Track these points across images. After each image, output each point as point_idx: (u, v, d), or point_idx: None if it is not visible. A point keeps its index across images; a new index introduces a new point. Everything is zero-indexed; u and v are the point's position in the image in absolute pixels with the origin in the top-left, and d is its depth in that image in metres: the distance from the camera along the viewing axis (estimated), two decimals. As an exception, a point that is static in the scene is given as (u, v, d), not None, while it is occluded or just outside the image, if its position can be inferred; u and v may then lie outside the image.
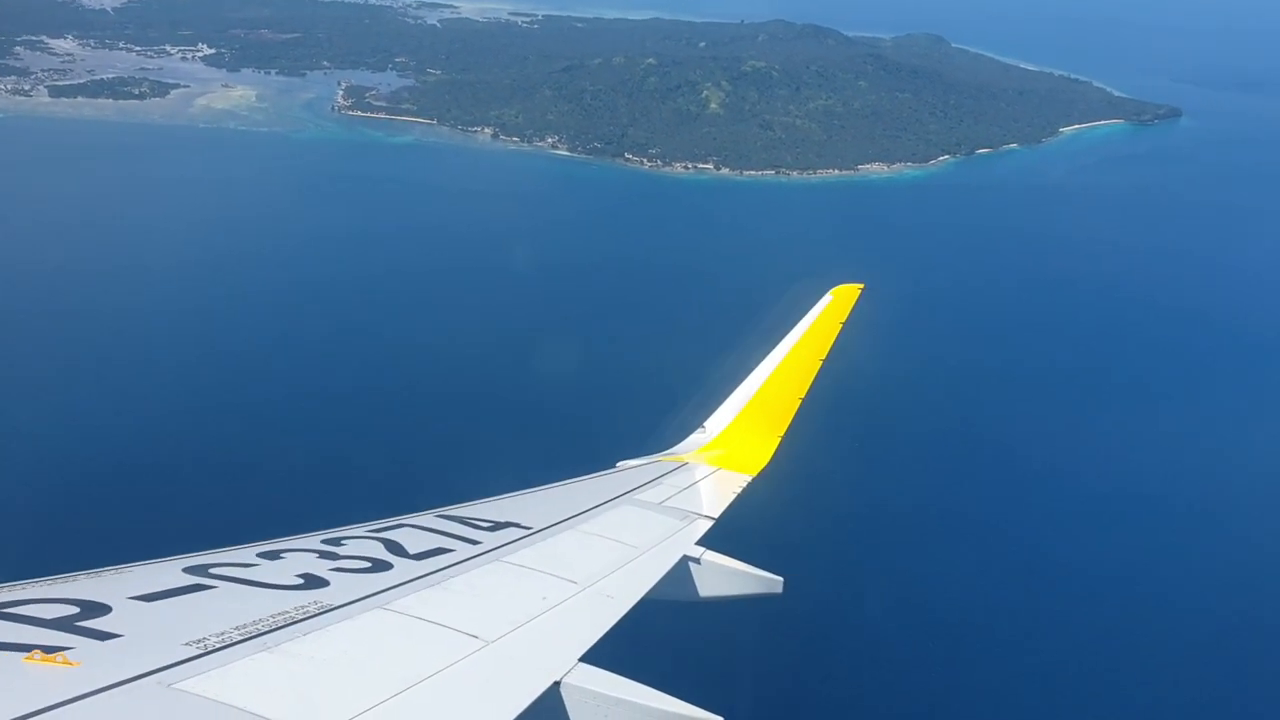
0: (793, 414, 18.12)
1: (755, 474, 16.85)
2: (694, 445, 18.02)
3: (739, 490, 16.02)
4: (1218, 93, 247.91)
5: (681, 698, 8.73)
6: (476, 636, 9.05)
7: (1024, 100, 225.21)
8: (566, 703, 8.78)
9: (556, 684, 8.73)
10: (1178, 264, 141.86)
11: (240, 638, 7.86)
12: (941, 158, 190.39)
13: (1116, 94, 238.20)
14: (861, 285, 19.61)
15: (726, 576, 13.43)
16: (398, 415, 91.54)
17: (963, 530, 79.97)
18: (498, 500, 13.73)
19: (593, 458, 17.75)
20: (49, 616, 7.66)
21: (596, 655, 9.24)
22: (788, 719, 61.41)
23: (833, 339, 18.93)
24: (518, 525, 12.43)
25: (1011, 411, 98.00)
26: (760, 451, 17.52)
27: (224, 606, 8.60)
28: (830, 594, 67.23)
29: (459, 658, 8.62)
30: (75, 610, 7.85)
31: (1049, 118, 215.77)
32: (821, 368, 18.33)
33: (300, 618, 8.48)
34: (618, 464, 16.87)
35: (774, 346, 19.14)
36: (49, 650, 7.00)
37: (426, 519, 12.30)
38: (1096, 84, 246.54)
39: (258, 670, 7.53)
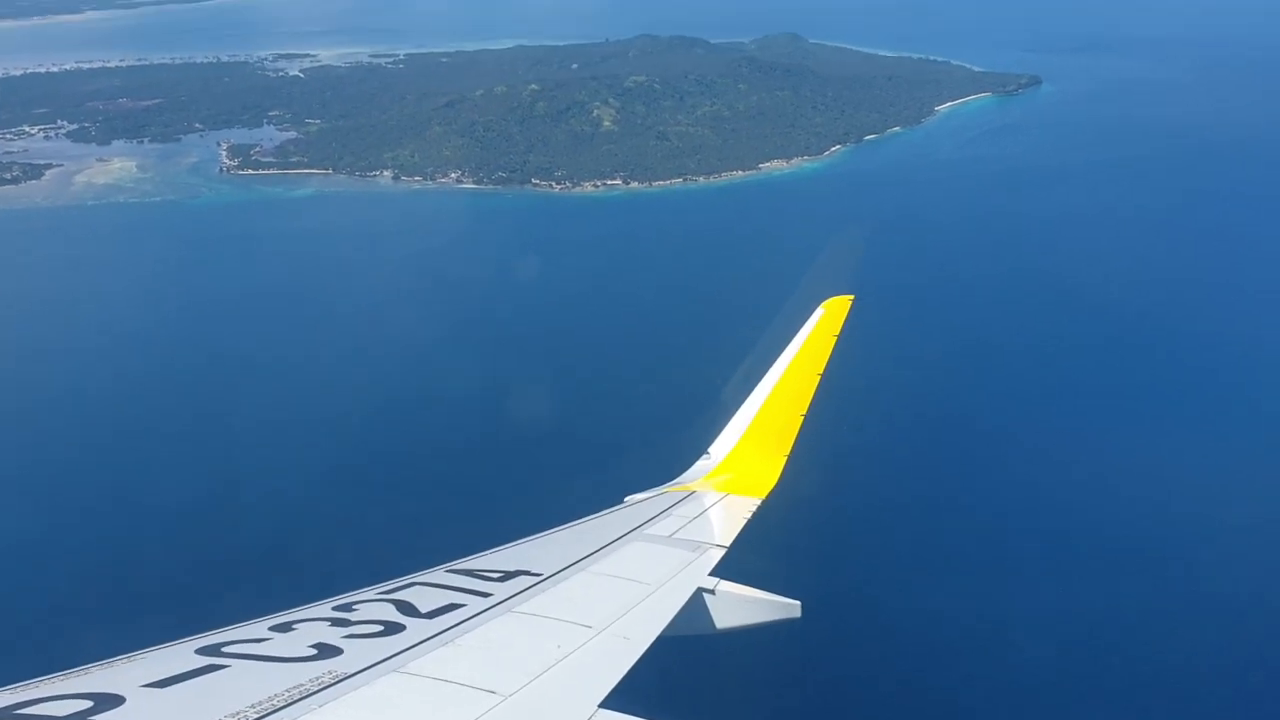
0: (796, 432, 17.88)
1: (764, 496, 16.56)
2: (700, 472, 17.85)
3: (749, 515, 15.81)
4: (1066, 57, 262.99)
5: None
6: (494, 692, 9.11)
7: (894, 85, 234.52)
8: None
9: None
10: (1075, 225, 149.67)
11: (256, 715, 7.92)
12: (834, 148, 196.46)
13: (977, 69, 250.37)
14: (852, 297, 19.92)
15: (742, 605, 13.43)
16: (390, 469, 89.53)
17: (976, 532, 79.97)
18: (506, 549, 13.66)
19: (599, 492, 17.91)
20: (62, 714, 7.62)
21: (617, 699, 9.29)
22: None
23: (828, 353, 19.01)
24: (528, 573, 12.40)
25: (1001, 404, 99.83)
26: (767, 473, 17.23)
27: (239, 685, 8.62)
28: (850, 614, 66.77)
29: (477, 715, 8.69)
30: (89, 704, 7.84)
31: (922, 99, 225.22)
32: (820, 383, 18.30)
33: (316, 689, 8.56)
34: (625, 498, 16.73)
35: (770, 365, 19.10)
36: None
37: (436, 575, 12.31)
38: (955, 62, 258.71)
39: None
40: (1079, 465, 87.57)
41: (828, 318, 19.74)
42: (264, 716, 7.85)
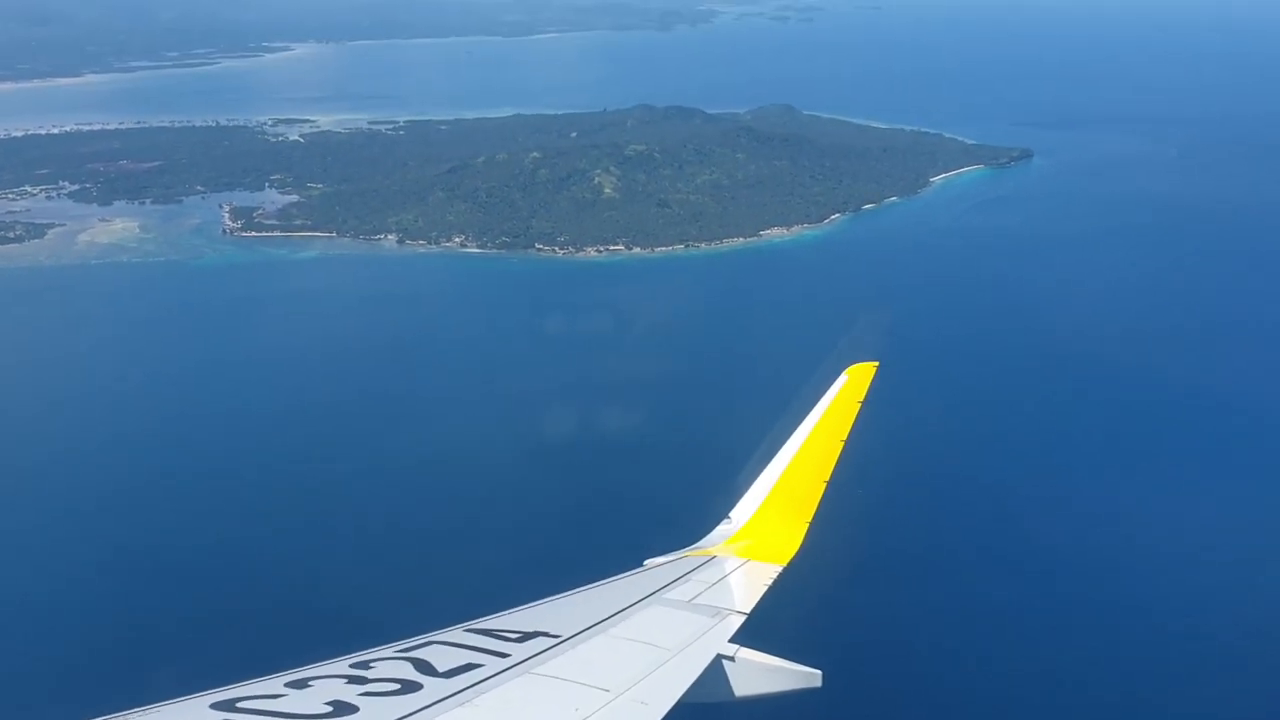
0: (818, 499, 17.76)
1: (785, 563, 16.48)
2: (721, 537, 17.73)
3: (769, 582, 15.72)
4: (1055, 132, 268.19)
5: None
6: None
7: (889, 156, 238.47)
8: None
9: None
10: (1074, 289, 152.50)
11: None
12: (834, 216, 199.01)
13: (969, 142, 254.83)
14: (876, 364, 19.85)
15: (762, 673, 13.32)
16: (410, 527, 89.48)
17: (1001, 602, 79.71)
18: (525, 609, 13.67)
19: (618, 556, 17.90)
20: None
21: None
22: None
23: (852, 420, 18.94)
24: (546, 634, 12.39)
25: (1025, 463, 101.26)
26: (788, 539, 17.11)
27: None
28: (873, 684, 66.46)
29: None
30: None
31: (917, 169, 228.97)
32: (843, 450, 18.29)
33: None
34: (645, 562, 16.68)
35: (792, 430, 19.14)
36: None
37: (454, 634, 12.34)
38: (948, 135, 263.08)
39: None
40: (1104, 524, 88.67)
41: (851, 384, 19.64)
42: None
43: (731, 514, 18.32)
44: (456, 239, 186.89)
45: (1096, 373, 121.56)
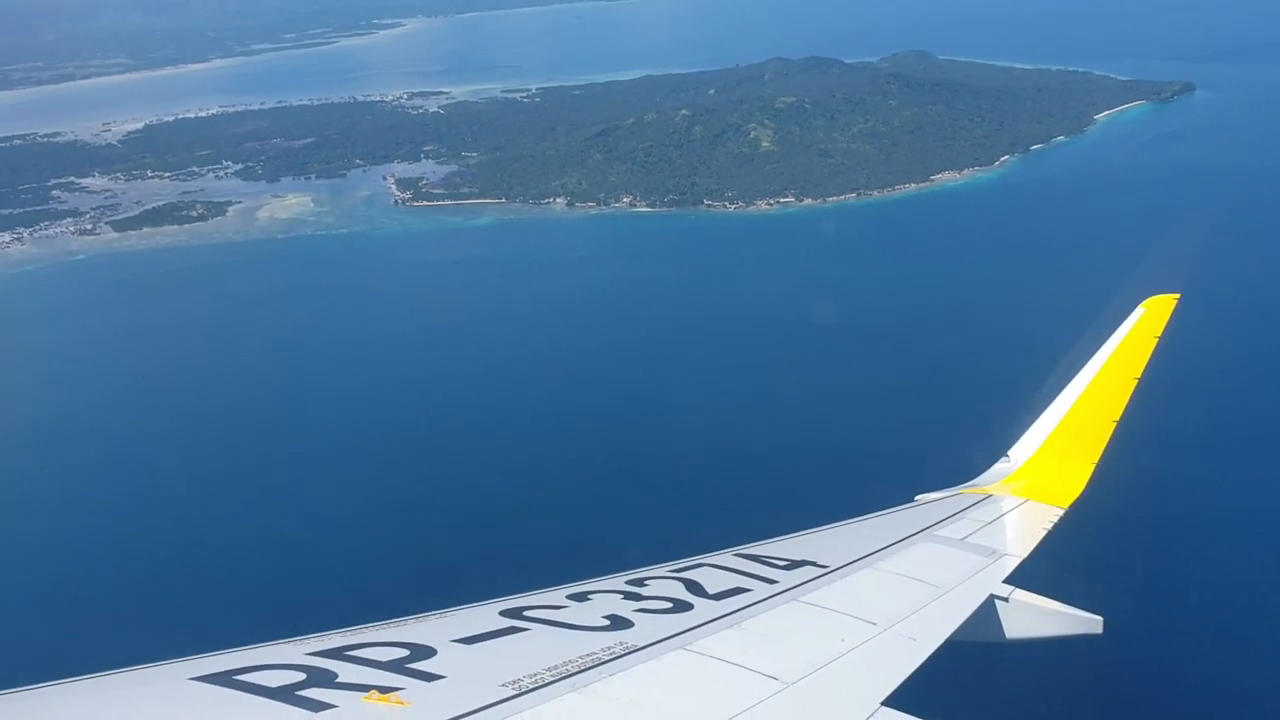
0: (1107, 438, 16.81)
1: (1067, 505, 15.78)
2: (998, 475, 17.13)
3: (1050, 524, 15.10)
4: (1211, 65, 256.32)
5: None
6: (776, 679, 9.20)
7: (1045, 96, 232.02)
8: None
9: None
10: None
11: (552, 679, 8.36)
12: (1003, 158, 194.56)
13: (1123, 78, 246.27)
14: (1177, 295, 18.67)
15: (1038, 616, 12.90)
16: (687, 466, 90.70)
17: None
18: (794, 538, 13.61)
19: (889, 490, 17.30)
20: (384, 659, 8.51)
21: (899, 699, 9.19)
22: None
23: (1148, 355, 17.72)
24: (814, 564, 12.40)
25: None
26: (1072, 481, 16.33)
27: (537, 648, 9.14)
28: (1157, 635, 63.91)
29: (759, 700, 8.81)
30: (406, 653, 8.65)
31: (1077, 108, 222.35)
32: (1136, 386, 17.15)
33: (607, 659, 8.93)
34: (916, 497, 16.31)
35: (1081, 365, 18.06)
36: (384, 690, 7.85)
37: (725, 558, 12.45)
38: (1098, 73, 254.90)
39: (567, 711, 8.03)
40: None
41: (1148, 317, 18.41)
42: (559, 680, 8.36)
43: (1010, 452, 17.66)
44: (625, 199, 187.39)
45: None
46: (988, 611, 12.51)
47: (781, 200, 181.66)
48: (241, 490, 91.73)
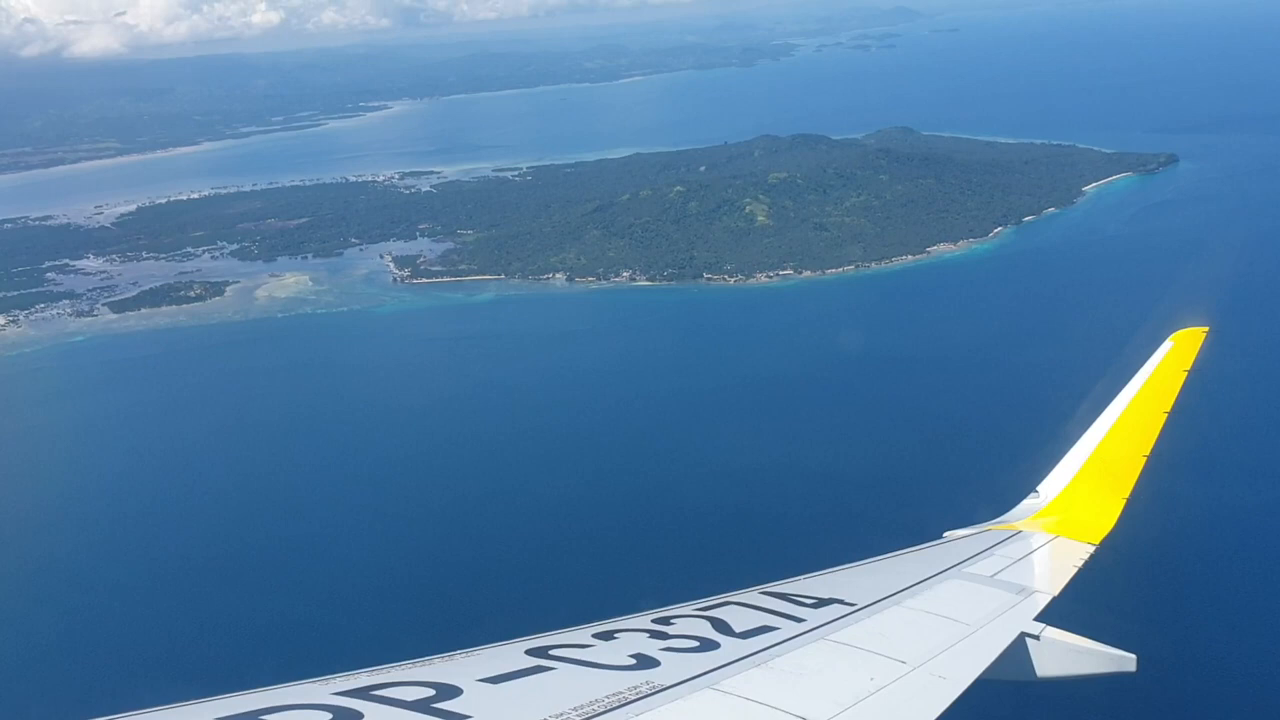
0: (1137, 474, 16.67)
1: (1098, 542, 15.64)
2: (1027, 511, 17.06)
3: (1081, 560, 14.97)
4: (1190, 136, 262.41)
5: None
6: (805, 719, 9.23)
7: (1032, 169, 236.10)
8: None
9: None
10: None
11: (578, 719, 8.39)
12: (997, 230, 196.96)
13: (1108, 150, 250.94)
14: (1206, 329, 18.51)
15: (1070, 654, 12.74)
16: (714, 502, 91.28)
17: None
18: (821, 575, 13.64)
19: (917, 527, 17.38)
20: (410, 699, 8.51)
21: None
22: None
23: (1177, 389, 17.47)
24: (842, 601, 12.39)
25: None
26: (1102, 516, 16.20)
27: (563, 687, 9.16)
28: (1192, 673, 63.60)
29: None
30: (432, 693, 8.66)
31: (1065, 180, 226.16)
32: (1166, 421, 17.01)
33: (633, 698, 8.94)
34: (944, 534, 16.24)
35: (1109, 401, 17.98)
36: None
37: (751, 596, 12.50)
38: (1081, 145, 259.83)
39: None
40: None
41: (1177, 350, 18.19)
42: None
43: (1039, 488, 17.52)
44: (624, 274, 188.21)
45: None
46: (1018, 650, 12.39)
47: (781, 273, 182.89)
48: (255, 572, 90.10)
